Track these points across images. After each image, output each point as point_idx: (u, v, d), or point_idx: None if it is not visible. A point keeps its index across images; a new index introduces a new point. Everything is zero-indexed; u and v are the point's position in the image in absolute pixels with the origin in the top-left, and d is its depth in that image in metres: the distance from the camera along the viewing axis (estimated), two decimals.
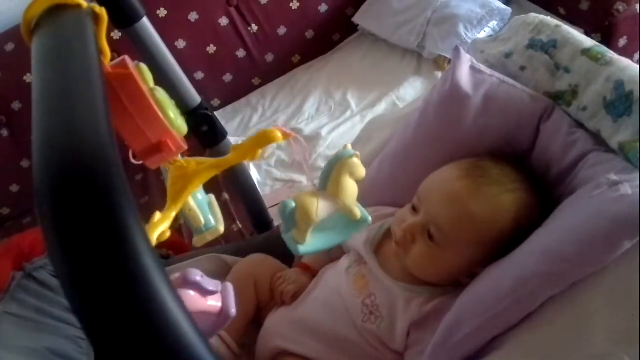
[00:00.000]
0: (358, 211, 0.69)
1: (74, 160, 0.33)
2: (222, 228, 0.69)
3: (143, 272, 0.30)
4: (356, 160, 0.67)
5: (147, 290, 0.30)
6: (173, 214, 0.59)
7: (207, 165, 0.62)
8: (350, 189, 0.67)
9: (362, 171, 0.68)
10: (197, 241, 0.68)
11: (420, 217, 0.83)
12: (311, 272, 0.99)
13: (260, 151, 0.63)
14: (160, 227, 0.56)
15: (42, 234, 0.32)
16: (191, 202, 0.65)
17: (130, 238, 0.31)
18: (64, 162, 0.34)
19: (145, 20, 0.93)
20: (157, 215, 0.59)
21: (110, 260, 0.30)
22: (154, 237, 0.55)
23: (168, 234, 0.58)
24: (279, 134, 0.61)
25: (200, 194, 0.69)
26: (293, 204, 0.65)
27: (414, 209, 0.86)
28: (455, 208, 0.80)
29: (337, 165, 0.67)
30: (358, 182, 0.69)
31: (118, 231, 0.31)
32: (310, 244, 0.68)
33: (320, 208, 0.65)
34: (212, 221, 0.69)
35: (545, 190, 0.84)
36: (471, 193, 0.79)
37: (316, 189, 0.69)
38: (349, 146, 0.69)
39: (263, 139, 0.61)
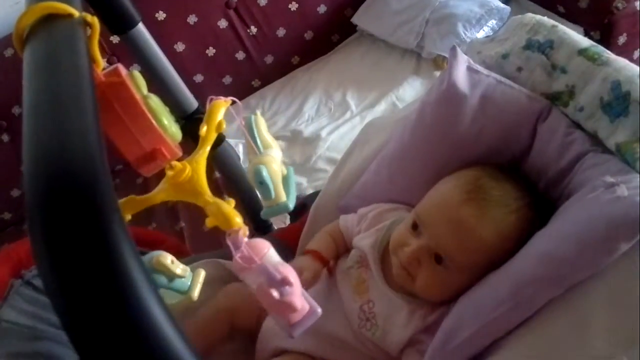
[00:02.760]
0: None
1: (63, 172, 0.34)
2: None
3: (130, 286, 0.30)
4: (260, 116, 0.75)
5: (134, 302, 0.30)
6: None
7: (198, 156, 0.63)
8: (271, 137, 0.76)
9: None
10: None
11: (425, 241, 0.81)
12: (322, 258, 0.95)
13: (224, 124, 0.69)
14: (214, 198, 0.60)
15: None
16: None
17: (117, 251, 0.31)
18: (53, 175, 0.34)
19: (141, 26, 0.93)
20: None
21: (97, 273, 0.30)
22: (229, 208, 0.59)
23: (233, 203, 0.61)
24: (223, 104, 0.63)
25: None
26: (264, 168, 0.68)
27: (414, 228, 0.84)
28: (461, 234, 0.79)
29: (255, 127, 0.72)
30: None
31: (105, 244, 0.31)
32: (289, 197, 0.71)
33: (276, 160, 0.69)
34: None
35: (543, 199, 0.83)
36: (477, 219, 0.78)
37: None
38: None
39: (215, 111, 0.66)
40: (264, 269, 0.57)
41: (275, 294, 0.56)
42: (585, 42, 0.86)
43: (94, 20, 0.52)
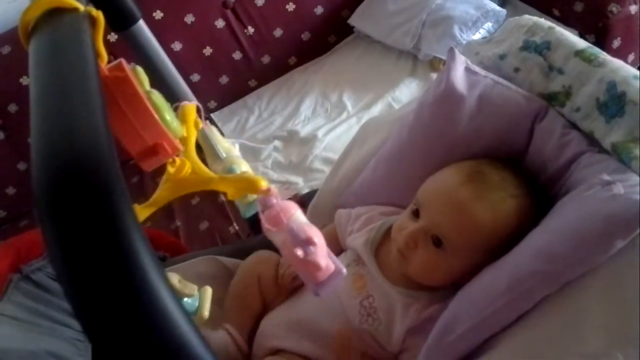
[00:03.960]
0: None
1: (72, 162, 0.34)
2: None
3: (142, 274, 0.31)
4: (210, 124, 0.76)
5: (146, 291, 0.31)
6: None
7: (188, 151, 0.64)
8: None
9: None
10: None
11: (422, 223, 0.82)
12: None
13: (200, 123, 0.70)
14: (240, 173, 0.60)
15: (39, 236, 0.33)
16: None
17: (129, 240, 0.31)
18: (62, 165, 0.34)
19: (141, 23, 0.93)
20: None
21: (109, 263, 0.30)
22: (249, 174, 0.60)
23: (246, 170, 0.61)
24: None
25: None
26: (237, 167, 0.69)
27: (414, 214, 0.85)
28: (459, 215, 0.79)
29: (211, 134, 0.73)
30: None
31: (117, 233, 0.31)
32: None
33: (242, 160, 0.71)
34: None
35: (541, 192, 0.84)
36: (475, 200, 0.79)
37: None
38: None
39: (188, 112, 0.68)
40: (290, 228, 0.59)
41: (299, 252, 0.58)
42: (581, 43, 0.87)
43: (99, 15, 0.52)
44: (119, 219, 0.31)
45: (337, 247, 1.01)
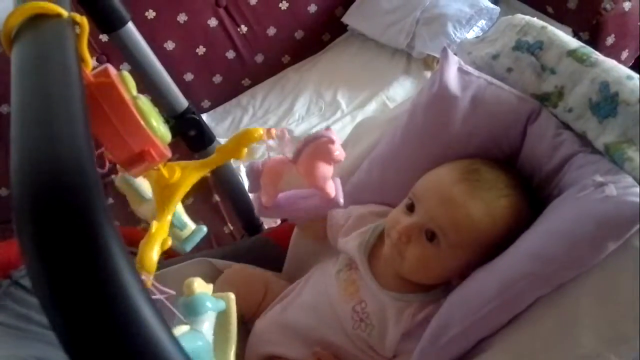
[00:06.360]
0: None
1: (51, 174, 0.33)
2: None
3: (121, 289, 0.30)
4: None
5: (125, 306, 0.30)
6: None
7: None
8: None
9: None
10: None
11: (417, 218, 0.82)
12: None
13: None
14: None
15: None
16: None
17: (108, 255, 0.30)
18: (41, 177, 0.33)
19: (130, 25, 0.92)
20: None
21: (87, 278, 0.30)
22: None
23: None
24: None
25: None
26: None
27: (409, 209, 0.85)
28: (453, 211, 0.79)
29: (130, 180, 0.73)
30: None
31: (95, 248, 0.30)
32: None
33: None
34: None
35: (533, 194, 0.84)
36: (469, 197, 0.79)
37: None
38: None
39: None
40: (306, 139, 0.68)
41: (334, 148, 0.68)
42: (574, 43, 0.86)
43: (83, 20, 0.52)
44: (98, 235, 0.31)
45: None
